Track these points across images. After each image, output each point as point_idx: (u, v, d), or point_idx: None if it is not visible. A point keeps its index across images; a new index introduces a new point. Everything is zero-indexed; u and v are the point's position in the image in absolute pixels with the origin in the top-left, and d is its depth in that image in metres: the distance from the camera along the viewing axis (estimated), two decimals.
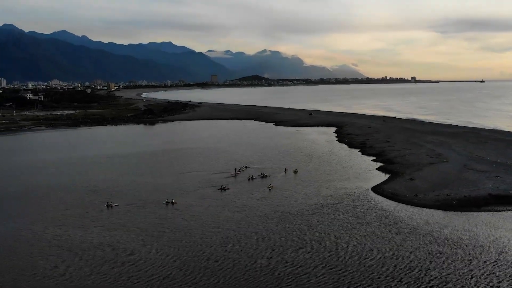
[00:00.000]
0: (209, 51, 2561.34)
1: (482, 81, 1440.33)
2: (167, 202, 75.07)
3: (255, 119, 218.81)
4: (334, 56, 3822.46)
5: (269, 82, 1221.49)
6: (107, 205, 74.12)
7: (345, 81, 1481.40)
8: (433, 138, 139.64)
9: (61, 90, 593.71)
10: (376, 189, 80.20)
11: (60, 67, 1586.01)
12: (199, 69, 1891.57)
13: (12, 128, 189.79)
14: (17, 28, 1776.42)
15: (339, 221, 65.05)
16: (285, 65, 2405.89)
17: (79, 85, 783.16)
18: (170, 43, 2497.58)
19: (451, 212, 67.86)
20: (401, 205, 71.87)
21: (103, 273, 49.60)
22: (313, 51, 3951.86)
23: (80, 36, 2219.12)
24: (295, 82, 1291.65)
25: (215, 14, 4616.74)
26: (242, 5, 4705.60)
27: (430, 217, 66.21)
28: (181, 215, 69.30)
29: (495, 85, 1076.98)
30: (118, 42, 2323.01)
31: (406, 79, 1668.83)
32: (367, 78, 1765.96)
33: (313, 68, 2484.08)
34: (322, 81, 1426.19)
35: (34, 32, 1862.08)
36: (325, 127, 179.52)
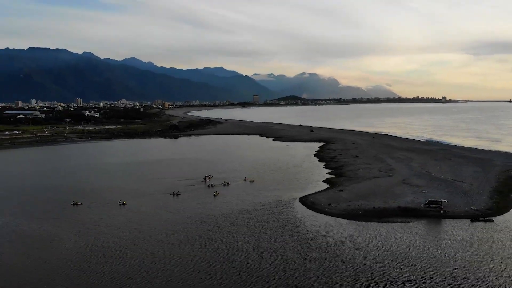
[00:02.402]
0: (255, 74, 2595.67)
1: (510, 101, 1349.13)
2: (120, 202, 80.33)
3: (260, 135, 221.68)
4: (369, 77, 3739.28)
5: (303, 102, 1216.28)
6: (73, 203, 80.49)
7: (377, 101, 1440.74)
8: (402, 154, 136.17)
9: (122, 108, 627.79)
10: (302, 199, 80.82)
11: (129, 89, 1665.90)
12: (245, 90, 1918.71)
13: (58, 139, 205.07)
14: (94, 55, 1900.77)
15: (248, 224, 66.98)
16: (321, 86, 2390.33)
17: (138, 104, 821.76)
18: (221, 68, 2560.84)
19: (351, 221, 67.64)
20: (313, 213, 72.42)
21: (28, 253, 56.18)
22: (348, 73, 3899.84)
23: (146, 62, 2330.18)
24: (328, 101, 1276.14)
25: (260, 42, 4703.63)
26: (284, 32, 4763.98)
27: (328, 224, 66.48)
28: (124, 214, 74.19)
29: None
30: (178, 67, 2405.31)
31: (437, 98, 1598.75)
32: (399, 97, 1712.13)
33: (348, 88, 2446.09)
34: (354, 101, 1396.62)
35: (108, 59, 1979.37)
36: (314, 143, 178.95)
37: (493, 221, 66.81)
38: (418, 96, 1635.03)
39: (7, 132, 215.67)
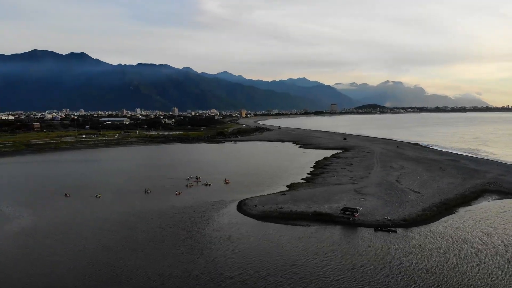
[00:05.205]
0: (337, 84, 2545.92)
1: None
2: (96, 195, 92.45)
3: (293, 142, 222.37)
4: (457, 85, 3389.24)
5: (382, 110, 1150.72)
6: (65, 194, 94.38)
7: (462, 109, 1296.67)
8: (400, 164, 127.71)
9: (204, 116, 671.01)
10: (240, 201, 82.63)
11: (221, 99, 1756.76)
12: (326, 99, 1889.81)
13: (120, 143, 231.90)
14: (192, 70, 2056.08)
15: (168, 219, 72.18)
16: (406, 95, 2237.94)
17: (218, 113, 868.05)
18: (304, 78, 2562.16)
19: (257, 221, 69.34)
20: (236, 213, 75.01)
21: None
22: (435, 81, 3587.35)
23: (236, 75, 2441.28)
24: (408, 110, 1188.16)
25: (343, 52, 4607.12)
26: (367, 42, 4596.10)
27: (234, 222, 68.92)
28: (90, 204, 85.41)
29: None
30: (264, 79, 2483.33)
31: None
32: (486, 106, 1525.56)
33: (435, 97, 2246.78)
34: (438, 109, 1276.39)
35: (204, 73, 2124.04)
36: (333, 150, 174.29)
37: (395, 232, 62.67)
38: (508, 105, 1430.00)
39: (83, 136, 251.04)
